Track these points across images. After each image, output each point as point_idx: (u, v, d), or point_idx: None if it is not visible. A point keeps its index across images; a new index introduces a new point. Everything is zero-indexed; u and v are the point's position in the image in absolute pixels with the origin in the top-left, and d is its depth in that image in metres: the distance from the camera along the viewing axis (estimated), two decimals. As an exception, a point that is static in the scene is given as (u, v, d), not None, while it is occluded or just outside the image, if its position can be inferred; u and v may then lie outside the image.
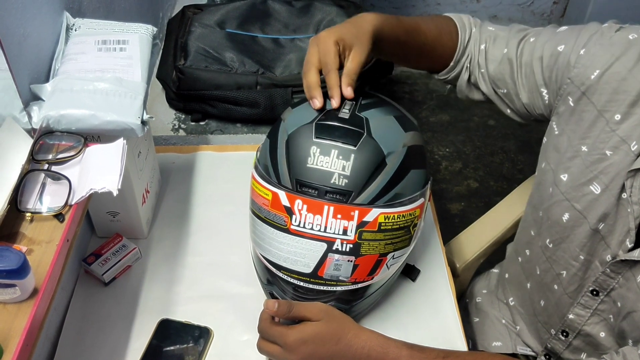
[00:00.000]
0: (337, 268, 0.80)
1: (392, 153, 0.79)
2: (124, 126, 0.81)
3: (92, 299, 0.95)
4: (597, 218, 0.85)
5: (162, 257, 1.02)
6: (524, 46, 0.92)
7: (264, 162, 0.83)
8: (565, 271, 0.93)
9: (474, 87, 1.01)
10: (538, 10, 2.82)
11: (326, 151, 0.77)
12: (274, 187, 0.80)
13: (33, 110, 0.80)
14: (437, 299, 0.98)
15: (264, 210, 0.81)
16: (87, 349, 0.90)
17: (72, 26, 0.91)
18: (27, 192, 0.74)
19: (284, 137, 0.81)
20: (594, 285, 0.89)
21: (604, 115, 0.81)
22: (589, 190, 0.85)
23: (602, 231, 0.85)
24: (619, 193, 0.82)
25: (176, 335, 0.90)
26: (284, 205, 0.78)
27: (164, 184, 1.14)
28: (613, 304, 0.87)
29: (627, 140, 0.80)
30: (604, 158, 0.82)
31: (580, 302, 0.92)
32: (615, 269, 0.85)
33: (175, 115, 1.30)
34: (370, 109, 0.83)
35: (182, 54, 1.26)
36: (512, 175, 2.39)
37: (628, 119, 0.79)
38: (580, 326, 0.93)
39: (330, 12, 1.36)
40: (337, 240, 0.78)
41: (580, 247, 0.89)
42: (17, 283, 0.63)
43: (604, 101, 0.81)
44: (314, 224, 0.78)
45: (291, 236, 0.79)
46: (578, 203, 0.87)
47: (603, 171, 0.83)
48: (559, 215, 0.90)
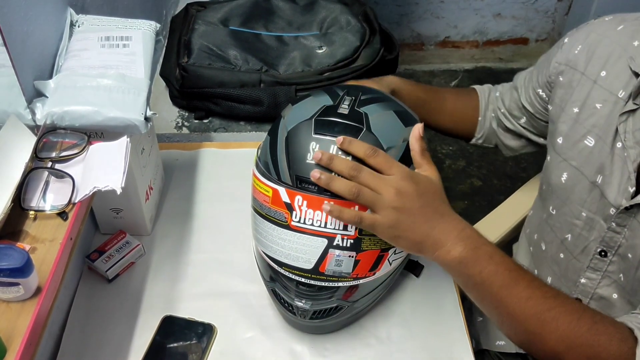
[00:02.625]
0: (339, 264, 0.80)
1: (392, 148, 0.79)
2: (127, 122, 0.81)
3: (96, 296, 0.96)
4: (594, 170, 0.88)
5: (165, 254, 1.02)
6: (525, 74, 1.08)
7: (264, 159, 0.83)
8: (570, 234, 0.94)
9: (504, 131, 1.13)
10: (542, 8, 2.81)
11: (325, 147, 0.77)
12: (274, 183, 0.79)
13: (36, 106, 0.80)
14: (441, 298, 0.98)
15: (264, 207, 0.81)
16: (91, 346, 0.90)
17: (76, 22, 0.91)
18: (30, 190, 0.74)
19: (283, 134, 0.81)
20: (601, 246, 0.90)
21: (590, 77, 0.89)
22: (584, 145, 0.89)
23: (600, 185, 0.87)
24: (612, 142, 0.85)
25: (180, 332, 0.90)
26: (284, 202, 0.78)
27: (167, 181, 1.14)
28: (622, 261, 0.88)
29: (614, 92, 0.86)
30: (594, 112, 0.88)
31: (590, 265, 0.92)
32: (620, 221, 0.85)
33: (179, 113, 1.30)
34: (370, 104, 0.82)
35: (186, 51, 1.26)
36: (515, 173, 2.38)
37: (612, 73, 0.87)
38: (593, 290, 0.94)
39: (334, 10, 1.36)
40: (337, 235, 0.78)
41: (581, 203, 0.90)
42: (21, 281, 0.63)
43: (589, 66, 0.90)
44: (314, 219, 0.77)
45: (292, 232, 0.79)
46: (574, 160, 0.91)
47: (595, 124, 0.88)
48: (558, 177, 0.93)
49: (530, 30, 2.90)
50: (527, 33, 2.91)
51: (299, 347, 0.90)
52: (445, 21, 2.82)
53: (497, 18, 2.84)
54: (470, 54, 2.94)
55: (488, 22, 2.85)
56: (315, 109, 0.81)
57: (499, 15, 2.83)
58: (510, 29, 2.88)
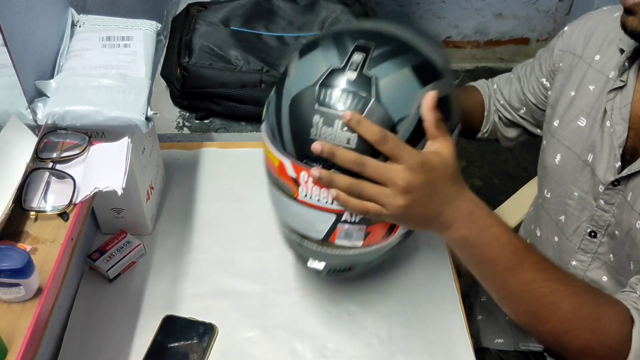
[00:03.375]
0: (349, 236, 0.77)
1: (403, 119, 0.71)
2: (128, 122, 0.81)
3: (97, 296, 0.96)
4: (585, 149, 0.90)
5: (166, 254, 1.02)
6: (525, 64, 1.09)
7: (270, 122, 0.78)
8: (564, 215, 0.95)
9: (504, 124, 1.14)
10: (543, 7, 2.81)
11: (329, 121, 0.71)
12: (280, 153, 0.75)
13: (38, 106, 0.80)
14: (442, 297, 0.98)
15: (272, 175, 0.79)
16: (92, 346, 0.90)
17: (77, 22, 0.91)
18: (31, 191, 0.74)
19: (287, 99, 0.75)
20: (591, 226, 0.90)
21: (586, 61, 0.93)
22: (576, 126, 0.92)
23: (591, 164, 0.89)
24: (602, 120, 0.88)
25: (181, 331, 0.90)
26: (290, 176, 0.75)
27: (168, 181, 1.14)
28: (612, 239, 0.88)
29: (605, 72, 0.90)
30: (587, 93, 0.91)
31: (581, 246, 0.93)
32: (608, 198, 0.86)
33: (180, 113, 1.30)
34: (383, 62, 0.72)
35: (187, 51, 1.26)
36: (516, 173, 2.38)
37: (605, 56, 0.91)
38: (584, 272, 0.94)
39: (335, 10, 1.36)
40: (345, 212, 0.75)
41: (574, 182, 0.92)
42: (22, 282, 0.63)
43: (586, 49, 0.94)
44: (321, 196, 0.74)
45: (299, 205, 0.76)
46: (567, 140, 0.94)
47: (587, 104, 0.91)
48: (552, 159, 0.96)
49: (532, 30, 2.89)
50: (528, 33, 2.90)
51: (300, 346, 0.90)
52: (446, 21, 2.82)
53: (498, 18, 2.84)
54: (471, 54, 2.94)
55: (489, 22, 2.85)
56: (320, 71, 0.73)
57: (500, 15, 2.83)
58: (511, 28, 2.88)
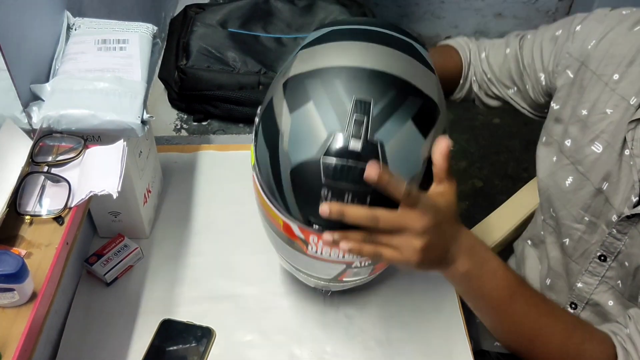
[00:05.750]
0: (357, 274, 0.80)
1: (413, 178, 0.70)
2: (124, 126, 0.80)
3: (94, 300, 0.95)
4: (600, 177, 0.86)
5: (164, 257, 1.01)
6: (524, 43, 0.99)
7: (267, 181, 0.73)
8: (568, 238, 0.94)
9: (487, 95, 1.08)
10: (543, 7, 2.81)
11: (339, 195, 0.68)
12: (284, 216, 0.73)
13: (33, 110, 0.79)
14: (441, 300, 0.97)
15: (275, 228, 0.77)
16: (89, 350, 0.89)
17: (73, 25, 0.91)
18: (26, 195, 0.74)
19: (287, 166, 0.70)
20: (601, 250, 0.89)
21: (602, 79, 0.85)
22: (591, 151, 0.87)
23: (606, 191, 0.86)
24: (620, 149, 0.83)
25: (178, 335, 0.90)
26: (298, 236, 0.74)
27: (166, 184, 1.14)
28: (620, 267, 0.87)
29: (626, 97, 0.83)
30: (604, 117, 0.85)
31: (589, 269, 0.92)
32: (621, 228, 0.85)
33: (178, 115, 1.29)
34: (385, 121, 0.68)
35: (184, 54, 1.26)
36: (517, 174, 2.38)
37: (626, 77, 0.83)
38: (589, 295, 0.93)
39: (333, 11, 1.36)
40: (355, 261, 0.77)
41: (585, 208, 0.90)
42: (15, 287, 0.62)
43: (602, 65, 0.86)
44: (332, 252, 0.74)
45: (308, 258, 0.77)
46: (581, 165, 0.89)
47: (604, 130, 0.85)
48: (562, 179, 0.92)
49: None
50: (528, 33, 2.90)
51: (298, 350, 0.90)
52: (445, 21, 2.81)
53: (498, 18, 2.83)
54: (471, 54, 2.94)
55: (489, 22, 2.85)
56: (320, 139, 0.68)
57: (500, 15, 2.83)
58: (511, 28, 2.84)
